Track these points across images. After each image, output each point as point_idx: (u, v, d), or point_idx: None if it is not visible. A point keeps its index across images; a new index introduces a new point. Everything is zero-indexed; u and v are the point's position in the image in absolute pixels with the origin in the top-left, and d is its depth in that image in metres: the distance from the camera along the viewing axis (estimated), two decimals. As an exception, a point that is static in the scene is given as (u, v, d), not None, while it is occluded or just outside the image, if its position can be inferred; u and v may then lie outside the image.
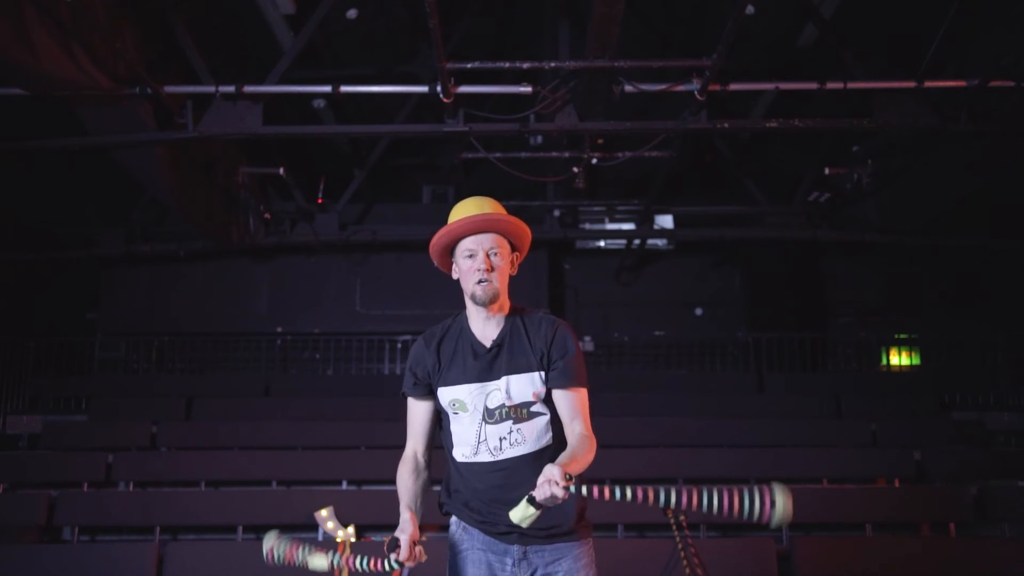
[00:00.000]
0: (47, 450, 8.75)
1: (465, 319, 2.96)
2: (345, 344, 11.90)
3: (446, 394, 2.87)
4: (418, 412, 2.99)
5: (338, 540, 6.37)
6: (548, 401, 2.87)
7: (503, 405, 2.82)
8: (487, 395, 2.83)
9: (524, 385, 2.83)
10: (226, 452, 8.18)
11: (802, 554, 6.12)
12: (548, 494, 2.43)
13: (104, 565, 6.08)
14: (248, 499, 7.23)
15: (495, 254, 2.85)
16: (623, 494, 2.42)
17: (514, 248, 2.95)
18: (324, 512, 6.76)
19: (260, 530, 7.33)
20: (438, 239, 2.89)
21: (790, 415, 9.27)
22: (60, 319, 12.01)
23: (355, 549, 6.11)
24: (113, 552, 6.32)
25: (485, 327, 2.91)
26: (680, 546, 6.02)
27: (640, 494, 2.42)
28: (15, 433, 9.69)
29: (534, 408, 2.84)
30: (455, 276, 2.95)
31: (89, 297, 12.62)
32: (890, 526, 7.32)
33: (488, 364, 2.85)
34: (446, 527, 2.98)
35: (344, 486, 7.87)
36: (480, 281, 2.82)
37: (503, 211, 2.92)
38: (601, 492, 2.44)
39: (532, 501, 2.48)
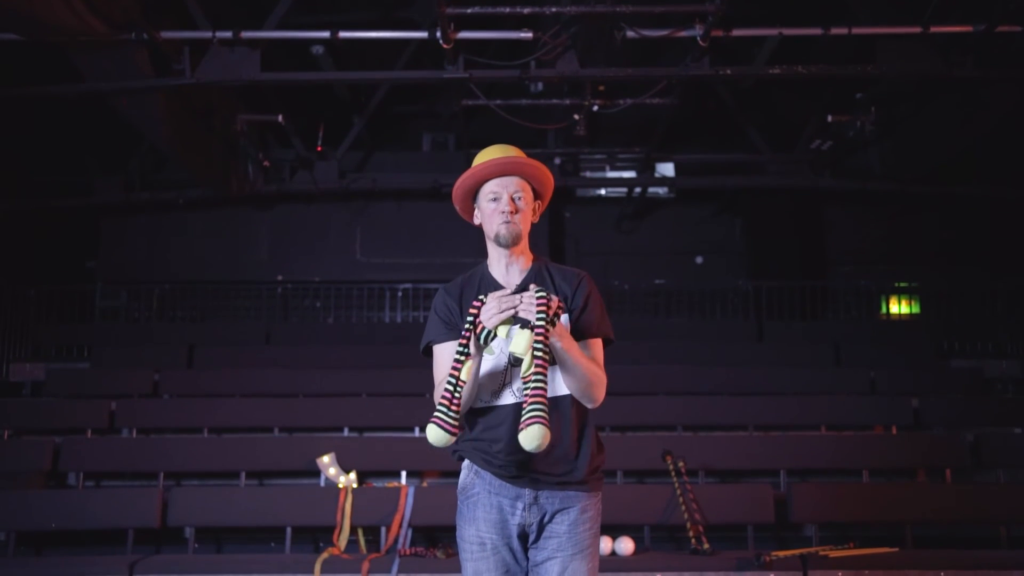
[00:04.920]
0: (50, 397, 8.82)
1: (485, 267, 2.97)
2: (346, 292, 11.91)
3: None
4: (447, 358, 2.81)
5: (340, 486, 6.45)
6: None
7: None
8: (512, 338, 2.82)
9: None
10: (228, 399, 8.23)
11: (799, 499, 6.19)
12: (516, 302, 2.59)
13: (110, 509, 6.16)
14: (250, 445, 7.28)
15: (519, 198, 2.87)
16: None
17: (536, 196, 2.96)
18: (326, 459, 6.84)
19: (262, 476, 7.41)
20: (462, 181, 2.90)
21: (789, 363, 9.29)
22: (60, 268, 12.00)
23: (356, 495, 6.23)
24: (118, 497, 6.39)
25: (508, 272, 2.92)
26: (679, 491, 6.10)
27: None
28: (18, 380, 9.74)
29: None
30: (476, 222, 2.96)
31: (89, 246, 12.61)
32: (887, 472, 7.38)
33: None
34: (454, 473, 3.00)
35: (345, 433, 7.93)
36: (505, 222, 2.83)
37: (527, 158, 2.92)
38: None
39: (521, 324, 2.59)
